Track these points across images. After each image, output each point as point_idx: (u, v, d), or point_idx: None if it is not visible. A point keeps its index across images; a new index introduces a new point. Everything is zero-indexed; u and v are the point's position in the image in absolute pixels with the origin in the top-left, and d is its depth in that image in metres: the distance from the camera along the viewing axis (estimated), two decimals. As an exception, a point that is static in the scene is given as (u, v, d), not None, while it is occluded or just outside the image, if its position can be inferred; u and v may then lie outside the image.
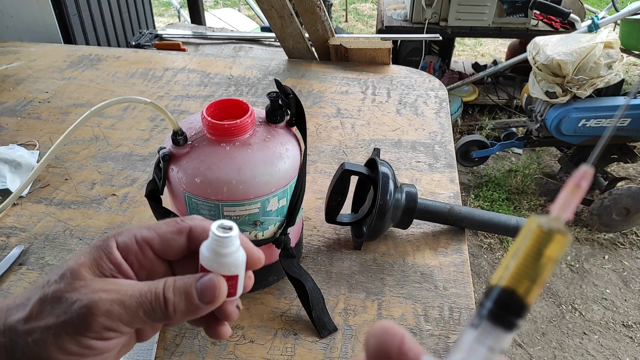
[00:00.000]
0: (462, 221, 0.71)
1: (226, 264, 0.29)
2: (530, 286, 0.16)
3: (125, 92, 1.08)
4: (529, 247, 0.15)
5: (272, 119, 0.56)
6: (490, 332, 0.17)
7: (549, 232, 0.15)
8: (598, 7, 4.28)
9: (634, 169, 2.45)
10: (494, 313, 0.17)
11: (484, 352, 0.17)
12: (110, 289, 0.27)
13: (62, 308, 0.26)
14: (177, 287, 0.28)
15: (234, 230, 0.29)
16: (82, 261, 0.28)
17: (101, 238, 0.30)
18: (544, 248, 0.15)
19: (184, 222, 0.31)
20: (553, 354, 1.62)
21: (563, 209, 0.15)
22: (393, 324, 0.21)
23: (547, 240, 0.15)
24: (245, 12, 3.77)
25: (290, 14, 1.16)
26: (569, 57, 1.72)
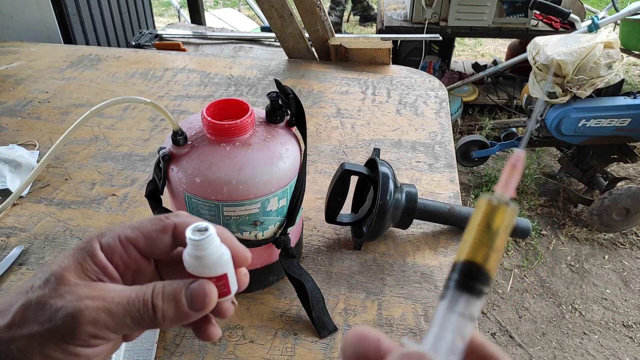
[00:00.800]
0: (462, 221, 0.71)
1: (209, 265, 0.28)
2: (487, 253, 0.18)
3: (125, 92, 1.08)
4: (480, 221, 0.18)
5: (272, 119, 0.56)
6: (457, 298, 0.18)
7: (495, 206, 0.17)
8: (598, 7, 4.28)
9: (634, 169, 2.45)
10: (459, 282, 0.18)
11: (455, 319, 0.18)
12: (96, 295, 0.26)
13: (46, 315, 0.25)
14: (166, 293, 0.28)
15: (209, 230, 0.28)
16: (65, 265, 0.27)
17: (84, 239, 0.29)
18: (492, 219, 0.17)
19: (168, 220, 0.30)
20: (553, 354, 1.62)
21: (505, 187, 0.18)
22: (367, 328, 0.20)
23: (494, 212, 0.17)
24: (245, 12, 3.77)
25: (290, 14, 1.16)
26: (569, 57, 1.72)
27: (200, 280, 0.28)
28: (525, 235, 0.73)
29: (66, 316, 0.25)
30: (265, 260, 0.61)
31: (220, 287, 0.29)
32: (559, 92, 1.82)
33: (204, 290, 0.28)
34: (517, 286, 1.87)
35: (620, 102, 1.87)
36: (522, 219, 0.74)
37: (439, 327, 0.18)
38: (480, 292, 0.18)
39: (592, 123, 1.88)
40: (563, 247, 2.03)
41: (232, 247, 0.29)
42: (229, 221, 0.54)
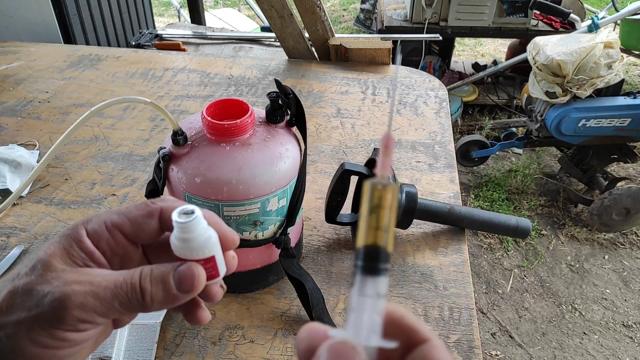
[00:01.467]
0: (462, 221, 0.71)
1: (197, 247, 0.28)
2: (379, 234, 0.19)
3: (125, 92, 1.08)
4: (367, 205, 0.19)
5: (272, 119, 0.56)
6: (364, 282, 0.20)
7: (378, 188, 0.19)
8: (598, 7, 4.28)
9: (634, 169, 2.45)
10: (362, 267, 0.20)
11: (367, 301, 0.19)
12: (83, 280, 0.26)
13: (33, 301, 0.25)
14: (154, 276, 0.28)
15: (195, 212, 0.28)
16: (52, 251, 0.27)
17: (70, 227, 0.29)
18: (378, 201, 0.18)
19: (154, 205, 0.30)
20: (553, 354, 1.62)
21: (382, 169, 0.19)
22: (317, 324, 0.21)
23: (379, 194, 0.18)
24: (245, 12, 3.77)
25: (290, 14, 1.16)
26: (569, 57, 1.72)
27: (188, 262, 0.28)
28: (525, 235, 0.73)
29: (53, 301, 0.25)
30: (265, 260, 0.61)
31: (209, 269, 0.29)
32: (559, 92, 1.82)
33: (192, 272, 0.28)
34: (517, 286, 1.87)
35: (620, 102, 1.87)
36: (522, 219, 0.74)
37: (355, 312, 0.19)
38: (382, 270, 0.20)
39: (592, 123, 1.88)
40: (563, 247, 2.03)
41: (219, 230, 0.30)
42: (229, 221, 0.54)
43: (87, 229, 0.29)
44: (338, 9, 4.73)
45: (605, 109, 1.86)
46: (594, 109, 1.86)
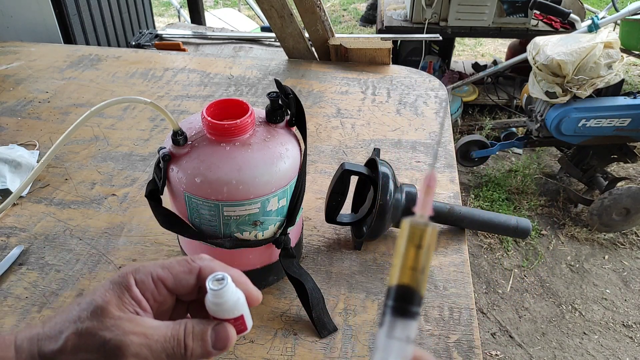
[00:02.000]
0: (462, 221, 0.71)
1: (228, 310, 0.33)
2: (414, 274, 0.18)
3: (125, 92, 1.08)
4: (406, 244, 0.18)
5: (272, 119, 0.56)
6: (394, 324, 0.19)
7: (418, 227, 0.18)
8: (598, 7, 4.28)
9: (634, 169, 2.45)
10: (394, 307, 0.19)
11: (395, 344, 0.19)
12: (138, 331, 0.30)
13: (96, 345, 0.29)
14: (195, 333, 0.32)
15: (226, 280, 0.32)
16: (108, 299, 0.31)
17: (119, 273, 0.33)
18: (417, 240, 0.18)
19: (194, 263, 0.34)
20: (553, 354, 1.62)
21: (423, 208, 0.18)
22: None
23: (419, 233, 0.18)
24: (245, 12, 3.77)
25: (290, 14, 1.16)
26: (569, 57, 1.72)
27: (224, 323, 0.33)
28: (525, 235, 0.73)
29: (115, 349, 0.29)
30: (265, 260, 0.61)
31: (238, 325, 0.34)
32: (559, 92, 1.82)
33: (226, 334, 0.33)
34: (517, 286, 1.87)
35: (620, 102, 1.87)
36: (522, 219, 0.74)
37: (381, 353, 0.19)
38: (414, 313, 0.19)
39: (592, 123, 1.88)
40: (563, 247, 2.03)
41: (245, 290, 0.34)
42: (229, 221, 0.54)
43: (136, 278, 0.32)
44: (338, 9, 4.73)
45: (605, 109, 1.86)
46: (594, 109, 1.86)
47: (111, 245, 0.70)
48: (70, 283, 0.64)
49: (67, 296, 0.62)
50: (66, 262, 0.67)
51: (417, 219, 0.18)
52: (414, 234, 0.18)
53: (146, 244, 0.70)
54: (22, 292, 0.63)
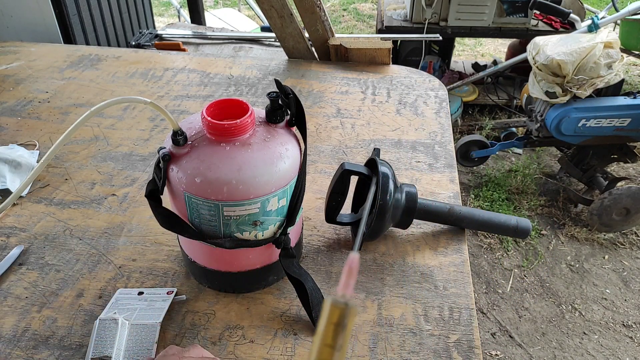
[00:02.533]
0: (462, 221, 0.71)
1: None
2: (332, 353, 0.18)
3: (125, 92, 1.08)
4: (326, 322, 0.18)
5: (272, 119, 0.56)
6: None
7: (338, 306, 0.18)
8: (598, 7, 4.28)
9: (634, 169, 2.45)
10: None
11: None
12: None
13: None
14: None
15: None
16: None
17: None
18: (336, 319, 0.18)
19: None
20: (553, 354, 1.62)
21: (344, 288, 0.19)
22: None
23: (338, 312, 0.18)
24: (245, 12, 3.77)
25: (290, 14, 1.16)
26: (569, 57, 1.72)
27: None
28: (525, 235, 0.73)
29: None
30: (265, 260, 0.61)
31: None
32: (559, 92, 1.82)
33: None
34: (517, 286, 1.87)
35: (620, 102, 1.87)
36: (522, 219, 0.74)
37: None
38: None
39: (592, 123, 1.88)
40: (563, 247, 2.03)
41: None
42: (229, 221, 0.54)
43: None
44: (338, 9, 4.73)
45: (605, 109, 1.86)
46: (594, 109, 1.86)
47: (111, 245, 0.70)
48: (70, 283, 0.64)
49: (67, 296, 0.62)
50: (66, 262, 0.67)
51: (338, 299, 0.19)
52: (334, 313, 0.19)
53: (146, 244, 0.70)
54: (22, 292, 0.63)
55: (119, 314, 0.57)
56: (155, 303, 0.60)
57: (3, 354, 0.56)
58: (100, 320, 0.56)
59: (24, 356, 0.55)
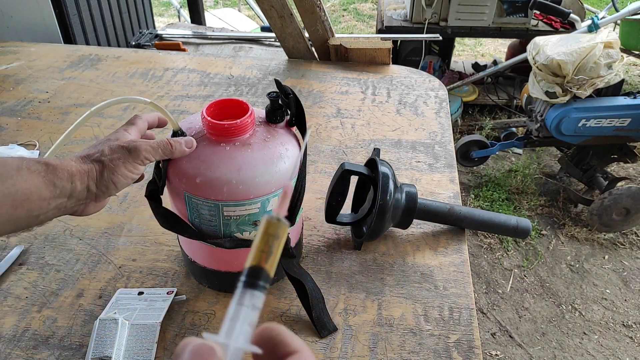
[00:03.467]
0: (462, 221, 0.71)
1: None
2: (263, 256, 0.23)
3: (125, 92, 1.08)
4: (261, 233, 0.23)
5: (272, 119, 0.56)
6: (244, 294, 0.22)
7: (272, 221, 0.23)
8: (598, 7, 4.28)
9: (634, 169, 2.45)
10: (245, 282, 0.23)
11: (243, 310, 0.22)
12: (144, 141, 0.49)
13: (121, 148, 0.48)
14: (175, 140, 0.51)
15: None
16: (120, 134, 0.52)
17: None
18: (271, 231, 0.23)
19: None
20: (553, 354, 1.62)
21: (279, 209, 0.24)
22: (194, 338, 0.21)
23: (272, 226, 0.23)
24: (245, 12, 3.77)
25: (290, 14, 1.16)
26: (569, 57, 1.72)
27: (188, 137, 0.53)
28: (525, 235, 0.73)
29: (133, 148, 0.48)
30: (265, 260, 0.61)
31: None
32: (559, 92, 1.82)
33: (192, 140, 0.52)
34: (517, 286, 1.87)
35: (620, 102, 1.87)
36: (522, 219, 0.74)
37: (230, 319, 0.22)
38: (261, 287, 0.23)
39: (592, 123, 1.88)
40: (563, 247, 2.03)
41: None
42: (229, 221, 0.54)
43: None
44: (338, 9, 4.73)
45: (605, 109, 1.86)
46: (594, 109, 1.86)
47: (111, 245, 0.70)
48: (70, 283, 0.64)
49: (67, 296, 0.62)
50: (66, 262, 0.67)
51: (273, 216, 0.23)
52: (269, 226, 0.23)
53: (146, 244, 0.70)
54: (22, 292, 0.63)
55: (119, 314, 0.57)
56: (155, 303, 0.60)
57: (3, 354, 0.56)
58: (100, 320, 0.56)
59: (24, 356, 0.55)
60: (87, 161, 0.47)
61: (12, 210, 0.41)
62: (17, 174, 0.42)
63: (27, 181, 0.42)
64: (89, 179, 0.46)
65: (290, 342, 0.22)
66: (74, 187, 0.45)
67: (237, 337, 0.21)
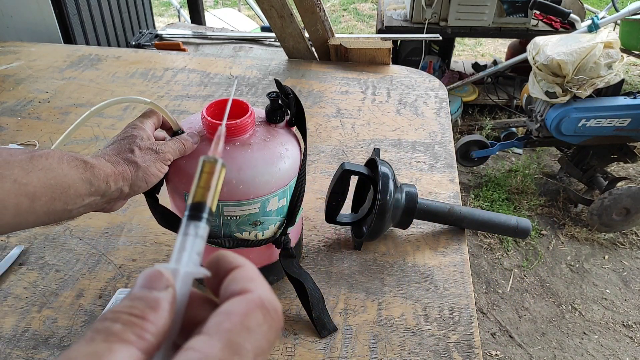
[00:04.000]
0: (462, 221, 0.71)
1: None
2: (204, 192, 0.25)
3: (125, 92, 1.08)
4: (199, 173, 0.26)
5: (272, 119, 0.56)
6: (188, 226, 0.24)
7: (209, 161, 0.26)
8: (598, 7, 4.28)
9: (634, 169, 2.45)
10: (188, 215, 0.25)
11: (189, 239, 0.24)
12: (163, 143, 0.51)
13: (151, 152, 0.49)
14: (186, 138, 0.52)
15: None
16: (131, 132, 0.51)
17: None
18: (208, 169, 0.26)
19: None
20: (553, 354, 1.62)
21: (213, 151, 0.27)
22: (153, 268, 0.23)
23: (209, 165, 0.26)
24: (245, 12, 3.77)
25: (290, 14, 1.16)
26: (569, 57, 1.72)
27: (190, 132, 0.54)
28: (525, 235, 0.73)
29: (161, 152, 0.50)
30: (265, 260, 0.61)
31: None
32: (559, 92, 1.82)
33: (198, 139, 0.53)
34: (517, 286, 1.87)
35: (620, 102, 1.87)
36: (522, 219, 0.74)
37: (178, 250, 0.23)
38: (203, 218, 0.25)
39: (592, 123, 1.88)
40: (563, 247, 2.03)
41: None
42: (229, 221, 0.54)
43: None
44: (338, 9, 4.73)
45: (605, 109, 1.86)
46: (594, 109, 1.86)
47: (111, 245, 0.70)
48: (70, 283, 0.64)
49: (67, 296, 0.62)
50: (66, 262, 0.67)
51: (209, 156, 0.26)
52: (206, 165, 0.26)
53: (146, 244, 0.70)
54: (22, 292, 0.63)
55: (119, 314, 0.57)
56: (155, 303, 0.60)
57: (3, 354, 0.56)
58: (100, 320, 0.56)
59: (24, 356, 0.55)
60: (120, 162, 0.47)
61: (50, 201, 0.42)
62: (58, 166, 0.42)
63: (67, 175, 0.43)
64: (123, 180, 0.47)
65: (232, 259, 0.23)
66: (107, 187, 0.46)
67: (186, 263, 0.23)
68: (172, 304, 0.21)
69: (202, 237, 0.24)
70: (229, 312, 0.20)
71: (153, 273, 0.21)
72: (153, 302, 0.20)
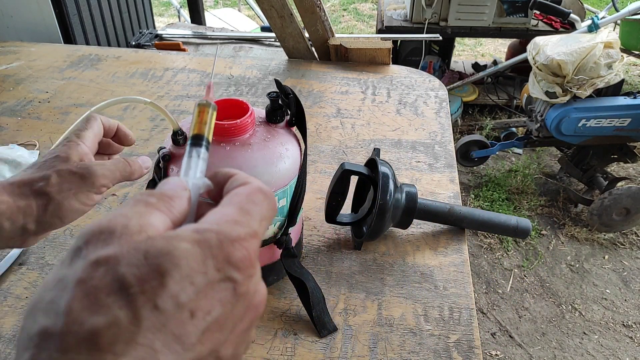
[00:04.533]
0: (462, 221, 0.71)
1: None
2: (202, 126, 0.30)
3: (125, 92, 1.08)
4: (197, 112, 0.31)
5: (272, 119, 0.56)
6: (191, 151, 0.29)
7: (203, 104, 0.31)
8: (598, 7, 4.28)
9: (634, 169, 2.45)
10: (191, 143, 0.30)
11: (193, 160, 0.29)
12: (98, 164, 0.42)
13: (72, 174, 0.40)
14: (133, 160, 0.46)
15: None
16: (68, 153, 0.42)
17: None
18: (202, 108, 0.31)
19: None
20: (553, 354, 1.62)
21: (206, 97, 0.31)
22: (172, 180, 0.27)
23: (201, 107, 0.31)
24: (245, 12, 3.77)
25: (290, 14, 1.16)
26: (569, 57, 1.72)
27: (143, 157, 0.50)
28: (525, 235, 0.73)
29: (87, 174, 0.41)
30: (267, 260, 0.61)
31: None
32: (559, 92, 1.82)
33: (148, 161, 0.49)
34: (517, 286, 1.87)
35: (620, 102, 1.87)
36: (522, 219, 0.74)
37: (184, 167, 0.28)
38: (202, 145, 0.30)
39: (592, 123, 1.88)
40: (563, 247, 2.03)
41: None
42: (229, 221, 0.54)
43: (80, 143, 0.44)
44: (338, 9, 4.73)
45: (605, 109, 1.86)
46: (594, 109, 1.86)
47: (111, 245, 0.69)
48: (70, 283, 0.64)
49: (67, 296, 0.62)
50: (66, 262, 0.67)
51: (203, 100, 0.31)
52: (201, 107, 0.31)
53: (146, 244, 0.70)
54: (22, 292, 0.63)
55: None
56: (155, 303, 0.60)
57: (3, 354, 0.56)
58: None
59: (24, 356, 0.55)
60: (26, 192, 0.38)
61: None
62: None
63: None
64: (25, 217, 0.38)
65: (227, 171, 0.27)
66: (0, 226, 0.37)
67: (193, 176, 0.28)
68: (189, 199, 0.26)
69: (203, 159, 0.29)
70: (237, 192, 0.25)
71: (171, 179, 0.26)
72: (176, 194, 0.25)
